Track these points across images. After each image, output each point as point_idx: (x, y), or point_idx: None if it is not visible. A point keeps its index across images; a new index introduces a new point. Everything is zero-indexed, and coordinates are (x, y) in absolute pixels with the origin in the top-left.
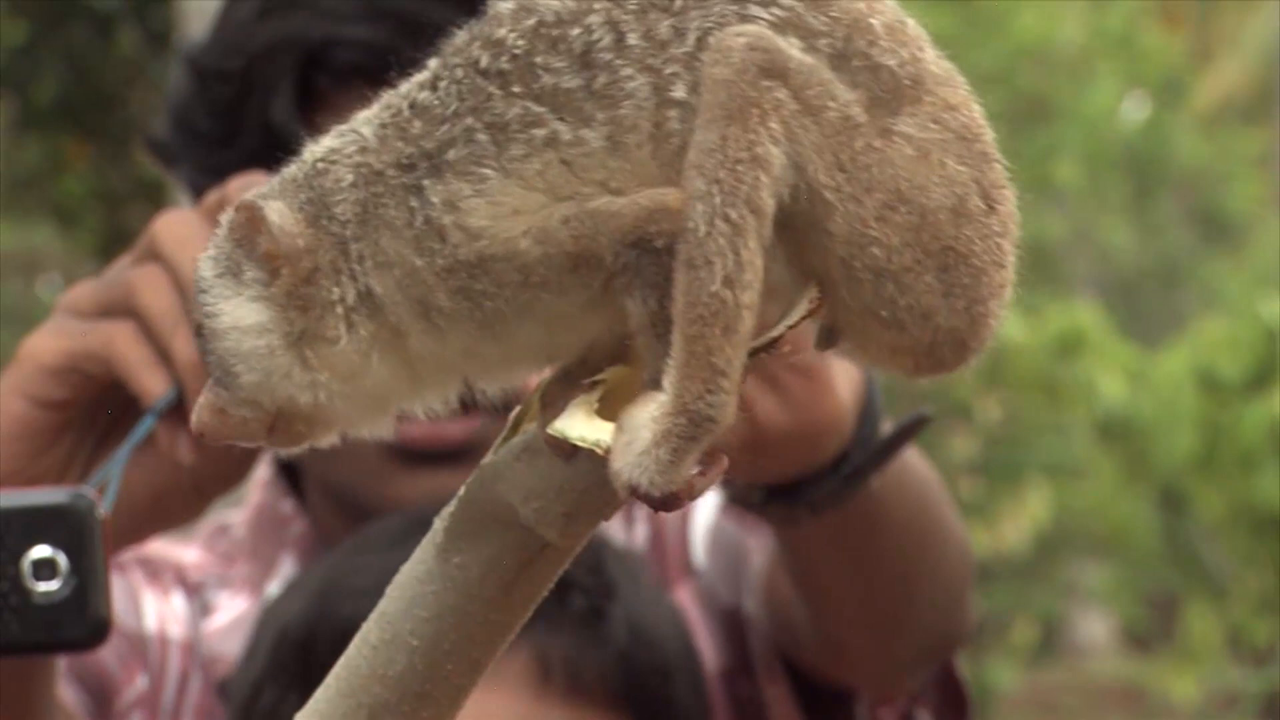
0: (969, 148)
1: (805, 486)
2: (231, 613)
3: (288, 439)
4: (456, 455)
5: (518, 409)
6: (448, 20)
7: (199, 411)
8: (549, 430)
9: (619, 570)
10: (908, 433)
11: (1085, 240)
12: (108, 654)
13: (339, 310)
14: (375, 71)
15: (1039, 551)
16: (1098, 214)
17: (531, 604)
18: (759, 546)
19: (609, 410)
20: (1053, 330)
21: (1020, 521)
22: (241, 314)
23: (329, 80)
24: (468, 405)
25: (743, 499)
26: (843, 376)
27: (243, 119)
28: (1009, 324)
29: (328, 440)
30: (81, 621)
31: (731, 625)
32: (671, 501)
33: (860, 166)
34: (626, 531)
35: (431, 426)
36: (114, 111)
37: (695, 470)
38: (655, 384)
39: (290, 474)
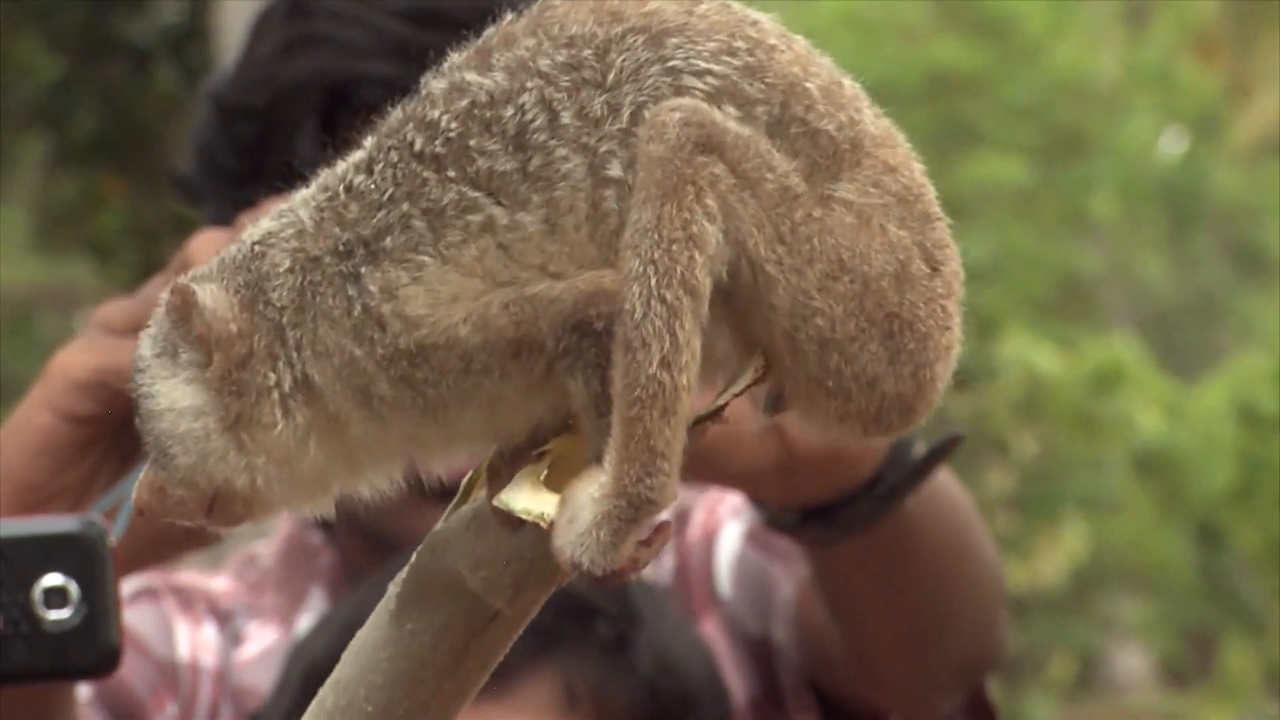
0: (910, 210)
1: (839, 508)
2: (261, 643)
3: (226, 519)
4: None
5: (468, 476)
6: None
7: (139, 488)
8: (495, 502)
9: (644, 600)
10: (941, 454)
11: (1122, 274)
12: (137, 681)
13: (274, 396)
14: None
15: (1076, 586)
16: (1134, 248)
17: (485, 670)
18: (787, 575)
19: (556, 480)
20: (1089, 364)
21: (1057, 556)
22: (177, 396)
23: (353, 117)
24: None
25: (776, 521)
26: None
27: (267, 155)
28: (1045, 357)
29: (267, 519)
30: (92, 649)
31: (759, 655)
32: (613, 578)
33: (801, 238)
34: (652, 563)
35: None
36: (150, 147)
37: (638, 544)
38: (598, 460)
39: None
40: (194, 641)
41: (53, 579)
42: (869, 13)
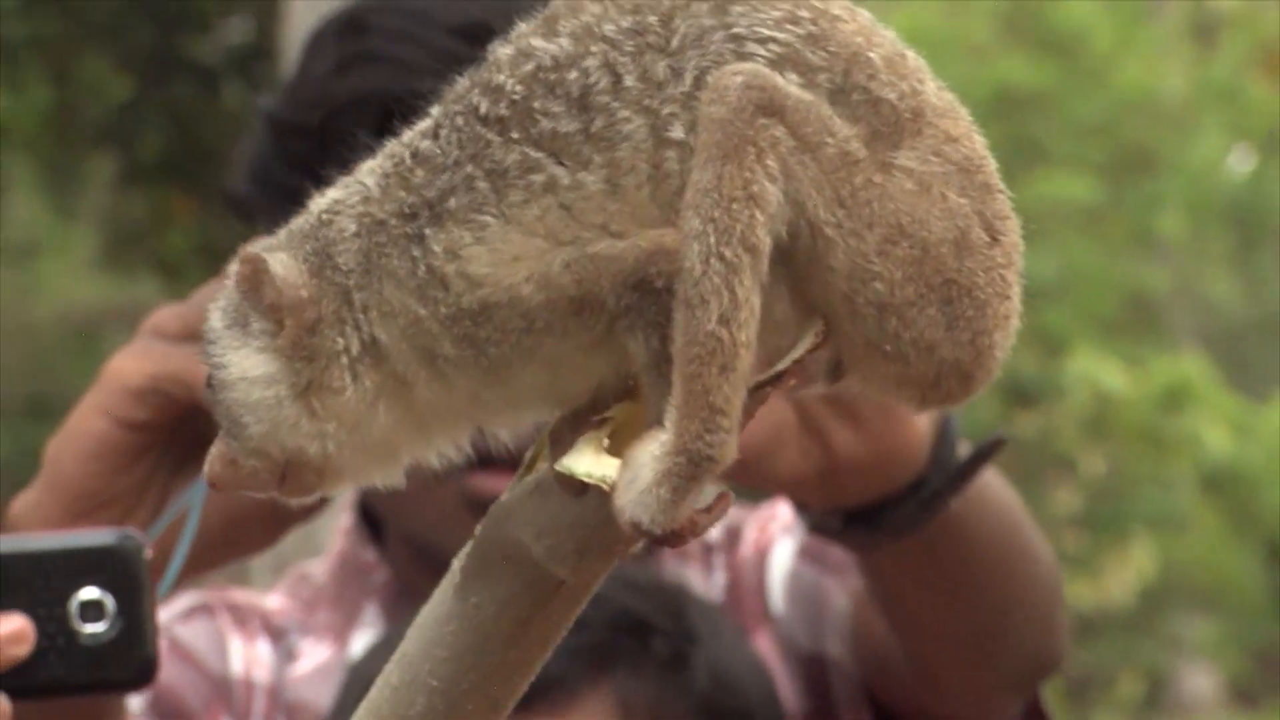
0: (971, 179)
1: (884, 511)
2: (315, 660)
3: (299, 488)
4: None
5: (531, 449)
6: None
7: (210, 461)
8: (557, 467)
9: (700, 617)
10: (985, 455)
11: (1189, 292)
12: (191, 696)
13: (344, 360)
14: None
15: (1144, 605)
16: (1202, 266)
17: (550, 642)
18: (840, 588)
19: (618, 446)
20: (1157, 382)
21: (1125, 575)
22: (249, 365)
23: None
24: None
25: (821, 525)
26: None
27: (321, 172)
28: (1113, 376)
29: (339, 490)
30: (129, 662)
31: (813, 671)
32: (674, 539)
33: (860, 202)
34: (705, 580)
35: (507, 478)
36: (218, 166)
37: (700, 507)
38: (659, 422)
39: (372, 523)
40: (248, 657)
41: (89, 592)
42: (936, 30)
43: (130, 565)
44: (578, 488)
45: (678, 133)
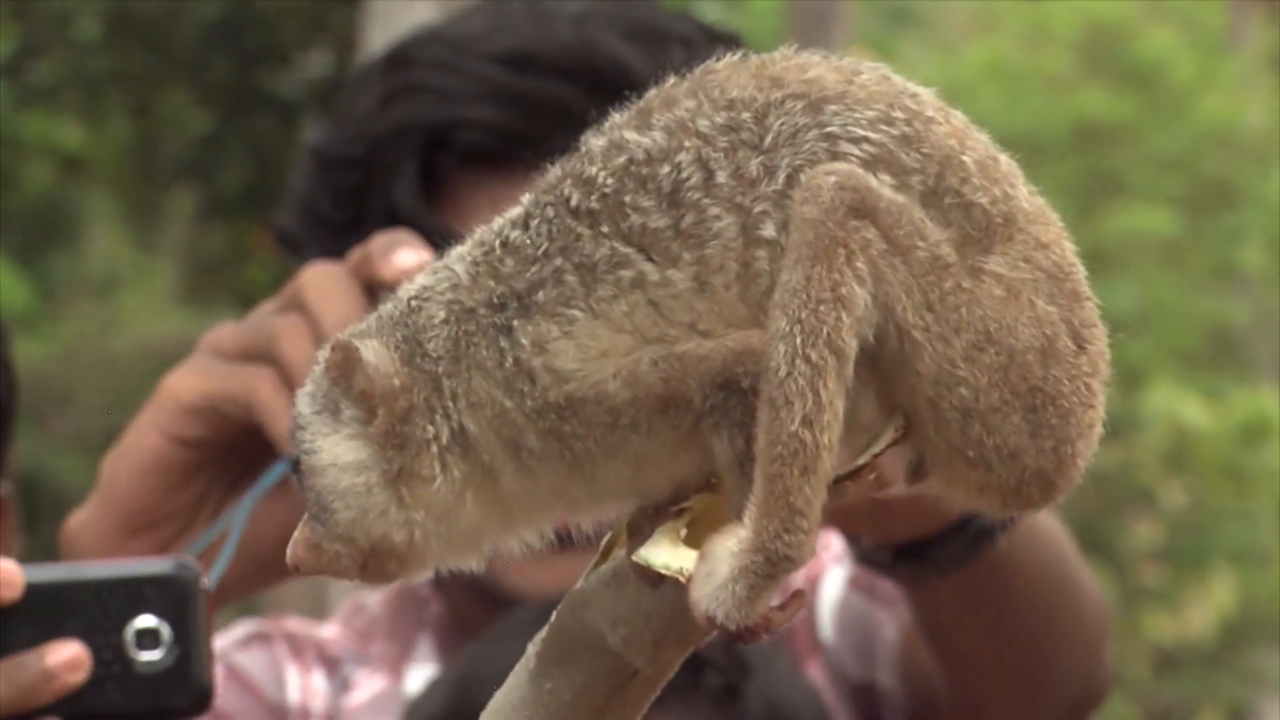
0: (1060, 286)
1: (933, 546)
2: (370, 691)
3: (380, 576)
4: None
5: (609, 535)
6: (569, 101)
7: (294, 546)
8: (634, 558)
9: (754, 649)
10: None
11: (1269, 325)
12: None
13: (434, 449)
14: (498, 154)
15: (1225, 639)
16: None
17: None
18: (890, 619)
19: (695, 537)
20: (1237, 416)
21: (1205, 608)
22: (340, 451)
23: (452, 163)
24: (564, 541)
25: (871, 559)
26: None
27: (367, 205)
28: (1192, 409)
29: (419, 577)
30: (184, 691)
31: (863, 701)
32: (748, 635)
33: (949, 307)
34: None
35: None
36: None
37: (774, 605)
38: (739, 517)
39: None
40: (304, 687)
41: (145, 620)
42: (1015, 63)
43: (186, 594)
44: (654, 579)
45: (769, 231)
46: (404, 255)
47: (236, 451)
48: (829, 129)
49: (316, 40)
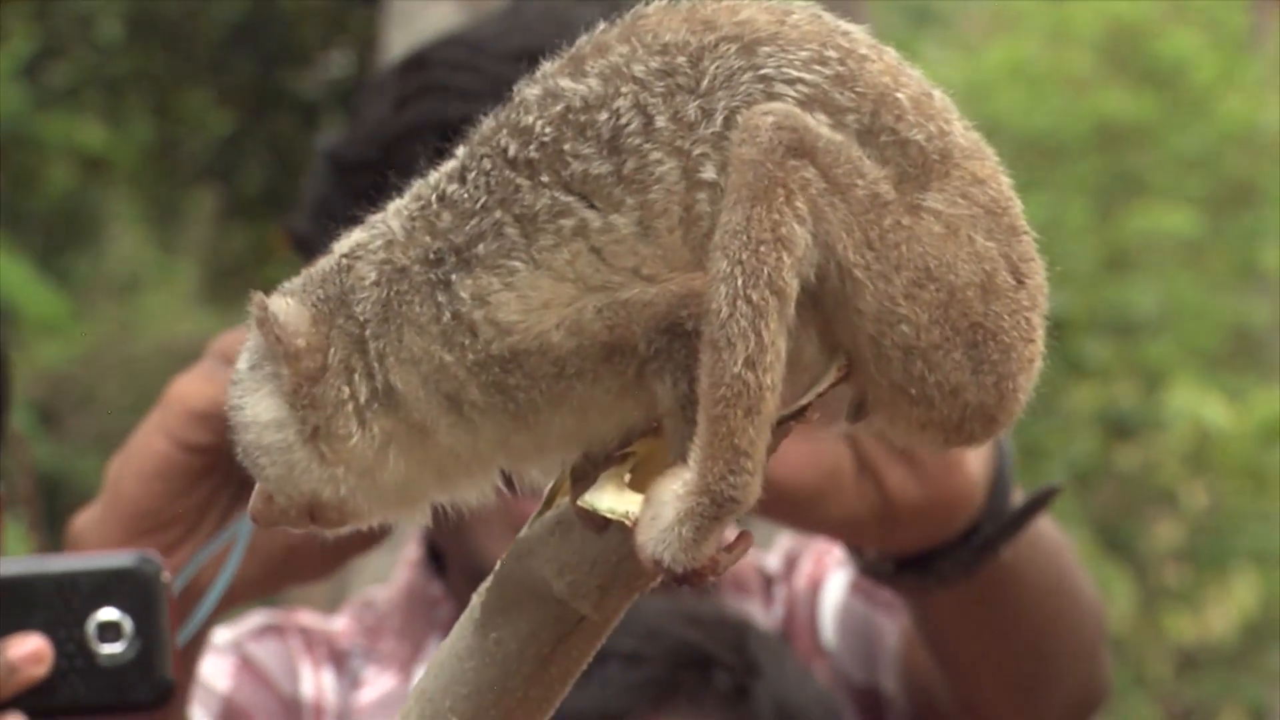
0: (997, 221)
1: (936, 557)
2: (380, 689)
3: (326, 524)
4: None
5: (551, 483)
6: None
7: (253, 497)
8: (580, 503)
9: (763, 650)
10: (1038, 505)
11: None
12: (260, 715)
13: (349, 408)
14: None
15: (1247, 640)
16: None
17: (570, 678)
18: (892, 625)
19: (640, 481)
20: (1259, 416)
21: (1227, 609)
22: (260, 409)
23: None
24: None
25: (874, 569)
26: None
27: (381, 206)
28: (1214, 409)
29: (363, 525)
30: (146, 684)
31: (867, 705)
32: (694, 577)
33: (889, 244)
34: (766, 612)
35: None
36: None
37: (720, 549)
38: (682, 459)
39: (437, 556)
40: (317, 683)
41: (108, 613)
42: (1036, 63)
43: (148, 587)
44: (600, 524)
45: (709, 173)
46: None
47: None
48: (763, 70)
49: (337, 41)
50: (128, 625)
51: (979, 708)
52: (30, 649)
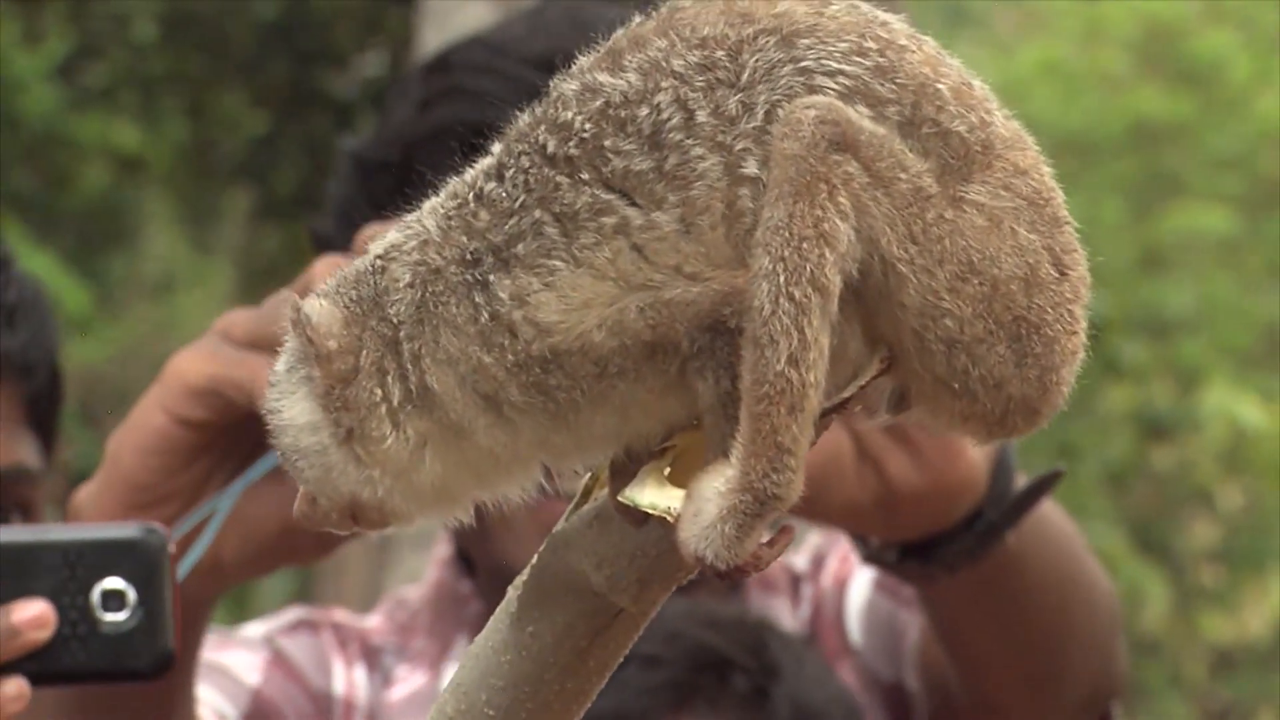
0: (1040, 213)
1: (939, 544)
2: (411, 686)
3: (369, 525)
4: None
5: (588, 476)
6: None
7: (299, 499)
8: (619, 497)
9: (783, 651)
10: (1041, 489)
11: None
12: (290, 710)
13: (382, 410)
14: None
15: None
16: None
17: (607, 670)
18: (915, 620)
19: (679, 475)
20: None
21: (1263, 609)
22: (296, 411)
23: None
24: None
25: (877, 557)
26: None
27: (403, 209)
28: (1249, 409)
29: (406, 526)
30: (147, 652)
31: (893, 701)
32: (736, 573)
33: (932, 238)
34: (794, 611)
35: None
36: None
37: (762, 542)
38: (723, 455)
39: (466, 556)
40: (349, 680)
41: (112, 582)
42: (1070, 63)
43: (153, 558)
44: (639, 518)
45: (751, 168)
46: None
47: (242, 436)
48: (803, 63)
49: (372, 41)
50: (131, 595)
51: (991, 700)
52: (33, 613)
